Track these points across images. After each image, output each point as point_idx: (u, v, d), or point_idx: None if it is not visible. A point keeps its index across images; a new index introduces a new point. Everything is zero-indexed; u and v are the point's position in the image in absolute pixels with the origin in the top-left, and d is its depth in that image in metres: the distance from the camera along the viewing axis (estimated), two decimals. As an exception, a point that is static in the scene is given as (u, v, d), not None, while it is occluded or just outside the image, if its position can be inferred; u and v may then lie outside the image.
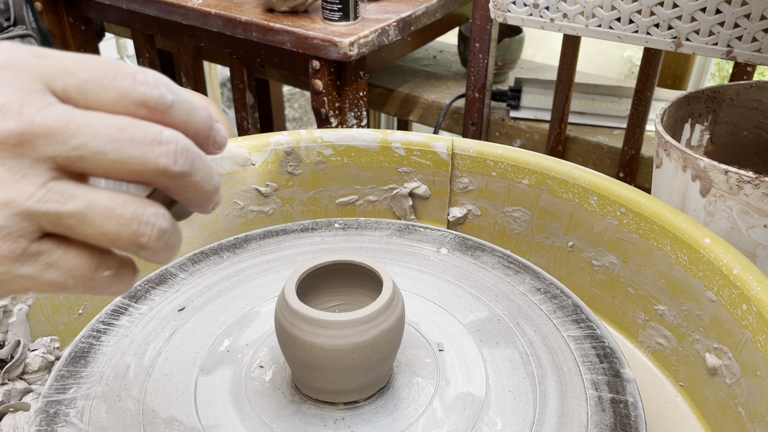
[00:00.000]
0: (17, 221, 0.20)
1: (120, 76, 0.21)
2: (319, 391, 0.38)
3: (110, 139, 0.20)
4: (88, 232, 0.21)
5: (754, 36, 0.66)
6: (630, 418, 0.38)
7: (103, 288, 0.23)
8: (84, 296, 0.53)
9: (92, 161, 0.20)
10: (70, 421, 0.37)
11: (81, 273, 0.22)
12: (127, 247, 0.22)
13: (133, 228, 0.21)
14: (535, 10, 0.79)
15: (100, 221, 0.21)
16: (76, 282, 0.22)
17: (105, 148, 0.20)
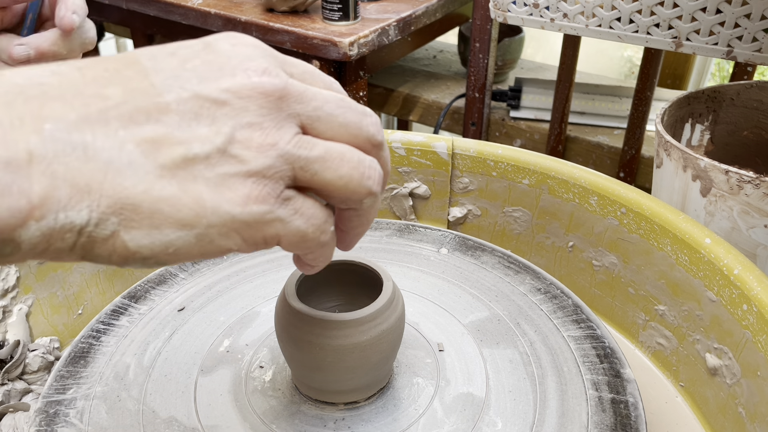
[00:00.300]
0: (280, 162, 0.23)
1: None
2: (319, 392, 0.38)
3: (337, 105, 0.25)
4: (327, 176, 0.24)
5: (754, 36, 0.66)
6: (630, 419, 0.38)
7: (326, 245, 0.26)
8: (83, 296, 0.53)
9: (324, 122, 0.24)
10: (70, 422, 0.37)
11: (318, 222, 0.24)
12: (357, 191, 0.25)
13: (360, 170, 0.24)
14: (535, 10, 0.79)
15: (336, 165, 0.24)
16: (315, 231, 0.24)
17: (335, 111, 0.24)
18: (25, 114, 0.19)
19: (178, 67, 0.22)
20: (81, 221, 0.20)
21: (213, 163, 0.22)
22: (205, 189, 0.22)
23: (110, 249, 0.21)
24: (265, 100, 0.23)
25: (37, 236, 0.19)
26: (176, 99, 0.22)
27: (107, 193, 0.20)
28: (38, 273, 0.50)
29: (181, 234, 0.21)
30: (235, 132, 0.22)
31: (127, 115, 0.21)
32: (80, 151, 0.20)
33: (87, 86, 0.21)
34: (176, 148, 0.21)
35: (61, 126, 0.20)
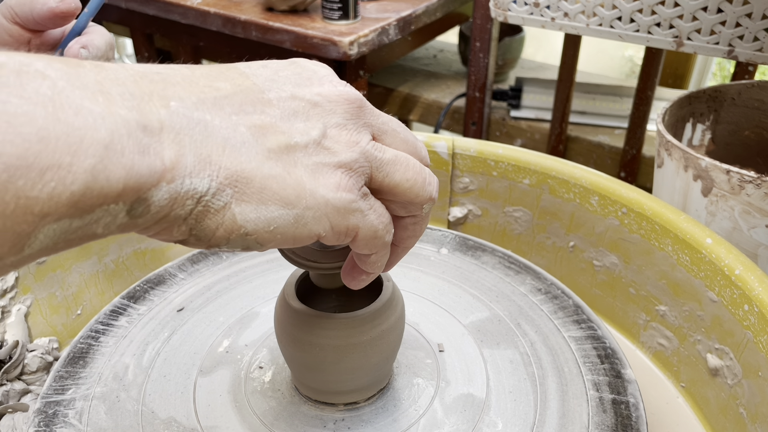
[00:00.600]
0: (362, 159, 0.26)
1: None
2: (318, 392, 0.38)
3: (398, 124, 0.29)
4: (397, 177, 0.27)
5: (755, 35, 0.66)
6: (631, 419, 0.38)
7: (386, 248, 0.29)
8: (82, 297, 0.53)
9: (390, 135, 0.28)
10: (69, 422, 0.37)
11: (386, 221, 0.27)
12: (420, 194, 0.28)
13: (423, 176, 0.28)
14: (535, 9, 0.79)
15: (404, 168, 0.27)
16: (383, 229, 0.27)
17: (397, 128, 0.28)
18: (153, 92, 0.22)
19: (272, 74, 0.26)
20: (202, 189, 0.22)
21: (310, 152, 0.25)
22: (304, 174, 0.24)
23: (219, 221, 0.23)
24: (349, 106, 0.26)
25: (165, 199, 0.21)
26: (277, 97, 0.25)
27: (225, 165, 0.22)
28: (37, 273, 0.50)
29: (283, 212, 0.24)
30: (327, 129, 0.25)
31: (237, 104, 0.24)
32: (201, 126, 0.22)
33: (199, 79, 0.24)
34: (280, 136, 0.24)
35: (183, 105, 0.22)
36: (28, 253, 0.19)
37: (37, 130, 0.18)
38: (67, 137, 0.19)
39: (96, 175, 0.19)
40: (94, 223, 0.20)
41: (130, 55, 2.02)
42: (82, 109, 0.19)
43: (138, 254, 0.57)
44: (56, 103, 0.19)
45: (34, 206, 0.18)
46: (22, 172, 0.18)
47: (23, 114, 0.18)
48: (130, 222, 0.21)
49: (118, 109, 0.20)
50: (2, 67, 0.19)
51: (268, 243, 0.24)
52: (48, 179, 0.18)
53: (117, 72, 0.22)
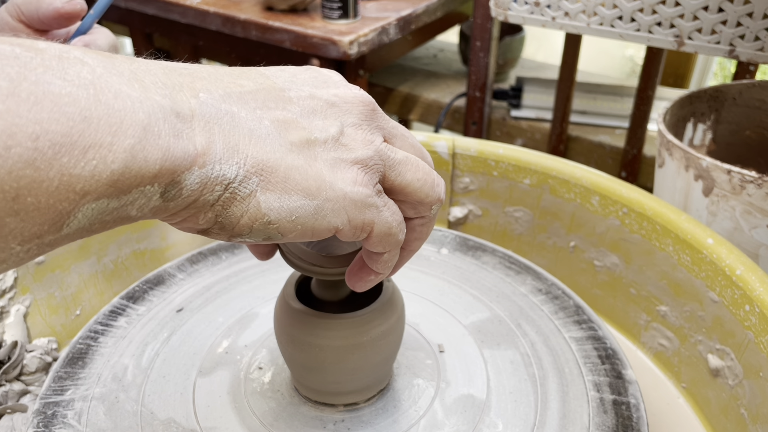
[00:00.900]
0: (377, 157, 0.27)
1: None
2: (318, 393, 0.38)
3: (405, 129, 0.30)
4: (408, 177, 0.28)
5: (756, 35, 0.65)
6: (632, 420, 0.37)
7: (398, 247, 0.29)
8: (81, 297, 0.53)
9: (400, 139, 0.29)
10: (68, 423, 0.37)
11: (399, 218, 0.28)
12: (430, 194, 0.29)
13: (432, 177, 0.29)
14: (536, 9, 0.79)
15: (414, 168, 0.28)
16: (397, 227, 0.28)
17: (406, 134, 0.30)
18: (183, 83, 0.23)
19: (291, 77, 0.27)
20: (231, 175, 0.23)
21: (329, 148, 0.26)
22: (324, 167, 0.25)
23: (244, 209, 0.23)
24: (364, 108, 0.27)
25: (197, 183, 0.22)
26: (297, 96, 0.26)
27: (252, 154, 0.23)
28: (36, 273, 0.50)
29: (304, 203, 0.25)
30: (344, 127, 0.27)
31: (261, 100, 0.25)
32: (229, 117, 0.23)
33: (223, 76, 0.25)
34: (301, 131, 0.25)
35: (211, 96, 0.23)
36: (66, 232, 0.20)
37: (80, 110, 0.19)
38: (108, 118, 0.19)
39: (135, 155, 0.20)
40: (129, 205, 0.21)
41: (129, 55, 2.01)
42: (121, 93, 0.20)
43: (137, 254, 0.57)
44: (96, 87, 0.20)
45: (76, 184, 0.19)
46: (66, 149, 0.18)
47: (67, 95, 0.19)
48: (162, 205, 0.22)
49: (153, 95, 0.21)
50: (44, 52, 0.19)
51: (289, 233, 0.25)
52: (90, 157, 0.19)
53: (148, 64, 0.23)
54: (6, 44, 0.19)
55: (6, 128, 0.17)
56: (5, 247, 0.19)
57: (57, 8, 0.43)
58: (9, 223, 0.18)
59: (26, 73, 0.18)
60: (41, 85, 0.18)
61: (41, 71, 0.19)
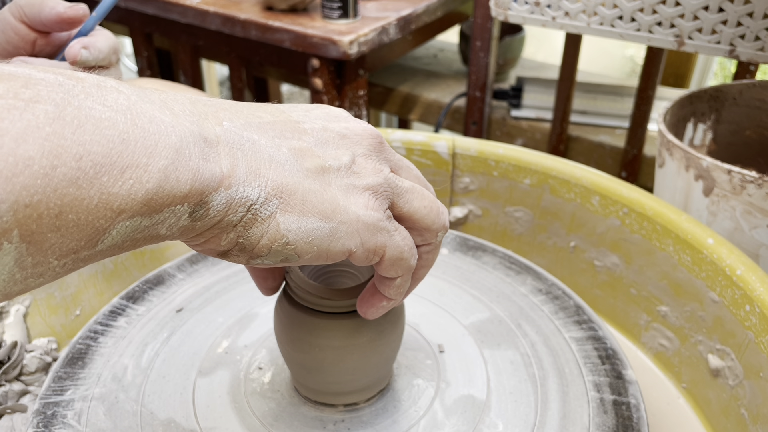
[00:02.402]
0: (386, 185, 0.28)
1: None
2: (318, 393, 0.38)
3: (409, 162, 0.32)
4: (415, 204, 0.30)
5: (756, 35, 0.65)
6: (632, 420, 0.37)
7: (410, 273, 0.30)
8: (81, 297, 0.53)
9: (405, 170, 0.31)
10: (68, 423, 0.37)
11: (410, 243, 0.29)
12: (435, 222, 0.30)
13: (437, 205, 0.31)
14: (536, 8, 0.79)
15: (420, 196, 0.30)
16: (409, 251, 0.29)
17: (410, 166, 0.32)
18: (207, 112, 0.25)
19: (304, 112, 0.29)
20: (253, 197, 0.24)
21: (342, 175, 0.28)
22: (338, 192, 0.27)
23: (264, 230, 0.25)
24: (373, 141, 0.29)
25: (222, 204, 0.23)
26: (311, 128, 0.28)
27: (272, 177, 0.25)
28: (36, 273, 0.50)
29: (320, 225, 0.26)
30: (355, 157, 0.28)
31: (278, 130, 0.27)
32: (250, 144, 0.25)
33: (242, 108, 0.27)
34: (316, 159, 0.27)
35: (234, 125, 0.25)
36: (100, 248, 0.21)
37: (119, 133, 0.20)
38: (144, 140, 0.21)
39: (168, 176, 0.21)
40: (160, 224, 0.22)
41: (129, 55, 2.01)
42: (155, 119, 0.22)
43: (137, 255, 0.57)
44: (133, 112, 0.21)
45: (114, 202, 0.20)
46: (106, 169, 0.20)
47: (107, 119, 0.20)
48: (190, 225, 0.23)
49: (183, 121, 0.23)
50: (84, 80, 0.21)
51: (305, 254, 0.26)
52: (127, 177, 0.20)
53: (174, 94, 0.25)
54: (51, 73, 0.20)
55: (53, 149, 0.19)
56: (44, 261, 0.20)
57: (59, 13, 0.43)
58: (50, 239, 0.19)
59: (70, 98, 0.20)
60: (84, 110, 0.20)
61: (83, 97, 0.20)
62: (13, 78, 0.19)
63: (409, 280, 0.31)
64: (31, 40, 0.46)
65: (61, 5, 0.44)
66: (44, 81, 0.20)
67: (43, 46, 0.47)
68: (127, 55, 2.03)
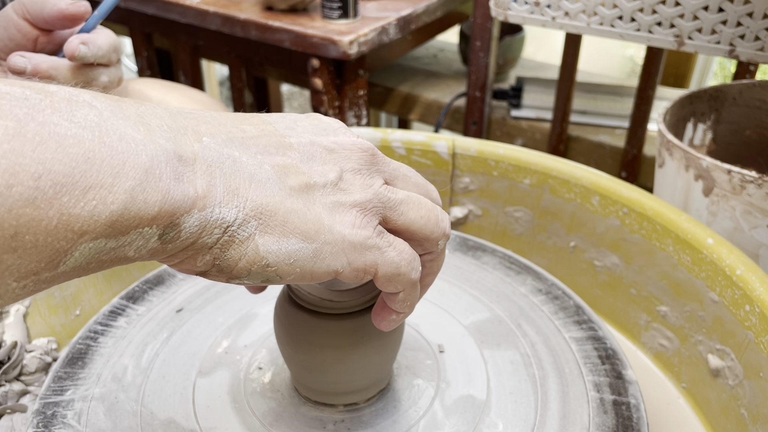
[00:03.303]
0: (376, 200, 0.27)
1: None
2: (318, 393, 0.38)
3: (408, 169, 0.30)
4: (411, 215, 0.28)
5: (756, 35, 0.65)
6: (632, 420, 0.37)
7: (414, 286, 0.29)
8: (81, 297, 0.53)
9: (401, 180, 0.30)
10: (68, 423, 0.37)
11: (408, 257, 0.28)
12: (434, 231, 0.29)
13: (435, 213, 0.29)
14: (536, 8, 0.79)
15: (417, 207, 0.29)
16: (406, 265, 0.28)
17: (408, 173, 0.30)
18: (187, 126, 0.24)
19: (292, 123, 0.28)
20: (230, 218, 0.23)
21: (327, 192, 0.26)
22: (323, 211, 0.26)
23: (242, 252, 0.24)
24: (363, 154, 0.28)
25: (195, 226, 0.22)
26: (297, 142, 0.27)
27: (252, 197, 0.24)
28: (36, 273, 0.50)
29: (303, 246, 0.25)
30: (343, 173, 0.27)
31: (262, 145, 0.26)
32: (231, 161, 0.24)
33: (226, 121, 0.26)
34: (300, 176, 0.26)
35: (214, 141, 0.24)
36: (62, 270, 0.20)
37: (84, 151, 0.19)
38: (111, 159, 0.20)
39: (135, 197, 0.20)
40: (127, 246, 0.21)
41: (129, 55, 2.01)
42: (125, 136, 0.21)
43: (137, 254, 0.57)
44: (102, 129, 0.20)
45: (75, 223, 0.19)
46: (67, 189, 0.19)
47: (72, 136, 0.19)
48: (161, 247, 0.22)
49: (157, 138, 0.22)
50: (54, 94, 0.20)
51: (287, 276, 0.25)
52: (90, 198, 0.19)
53: (155, 107, 0.24)
54: (17, 86, 0.20)
55: (9, 167, 0.18)
56: (2, 283, 0.19)
57: (61, 9, 0.43)
58: (6, 260, 0.19)
59: (34, 114, 0.19)
60: (48, 126, 0.19)
61: (49, 112, 0.19)
62: None
63: (414, 293, 0.30)
64: (33, 37, 0.46)
65: (64, 2, 0.44)
66: (8, 95, 0.19)
67: (45, 44, 0.47)
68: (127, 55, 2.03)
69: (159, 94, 0.66)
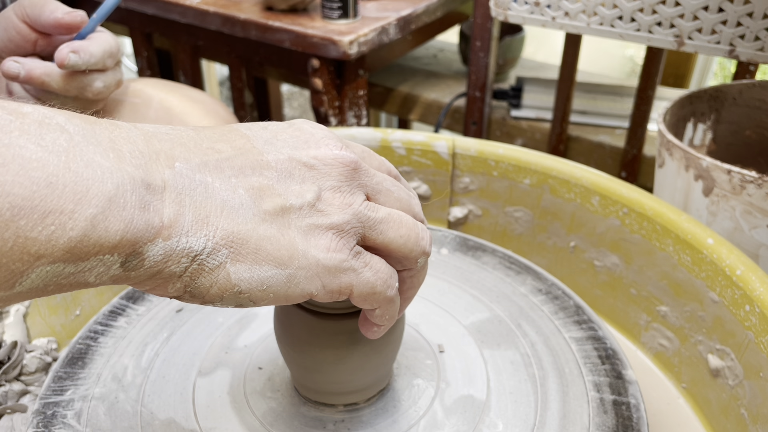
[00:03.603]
0: (354, 220, 0.27)
1: None
2: (318, 393, 0.38)
3: (392, 183, 0.30)
4: (390, 234, 0.28)
5: (756, 35, 0.65)
6: (632, 420, 0.37)
7: (392, 302, 0.29)
8: (81, 297, 0.53)
9: (384, 195, 0.29)
10: (68, 423, 0.37)
11: (384, 276, 0.28)
12: (414, 249, 0.29)
13: (416, 231, 0.29)
14: (536, 8, 0.79)
15: (397, 226, 0.28)
16: (382, 284, 0.28)
17: (391, 188, 0.29)
18: (161, 151, 0.23)
19: (272, 137, 0.27)
20: (198, 248, 0.23)
21: (304, 214, 0.26)
22: (297, 235, 0.25)
23: (213, 280, 0.24)
24: (344, 169, 0.27)
25: (160, 255, 0.22)
26: (275, 159, 0.26)
27: (223, 226, 0.23)
28: (36, 273, 0.50)
29: (276, 272, 0.24)
30: (322, 192, 0.26)
31: (237, 167, 0.25)
32: (202, 188, 0.23)
33: (202, 141, 0.25)
34: (276, 198, 0.25)
35: (187, 166, 0.23)
36: (18, 290, 0.20)
37: (47, 176, 0.19)
38: (74, 185, 0.20)
39: (96, 225, 0.20)
40: (87, 272, 0.21)
41: (129, 55, 2.01)
42: (93, 163, 0.20)
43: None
44: (70, 155, 0.20)
45: (32, 247, 0.19)
46: (25, 212, 0.19)
47: (37, 160, 0.19)
48: (123, 275, 0.22)
49: (126, 166, 0.21)
50: (26, 116, 0.20)
51: (261, 301, 0.25)
52: (49, 223, 0.19)
53: (129, 131, 0.23)
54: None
55: None
56: None
57: (57, 18, 0.44)
58: None
59: (0, 135, 0.19)
60: (12, 149, 0.19)
61: (17, 135, 0.19)
62: None
63: (392, 307, 0.30)
64: (32, 40, 0.46)
65: (60, 10, 0.44)
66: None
67: (44, 47, 0.47)
68: (127, 55, 2.03)
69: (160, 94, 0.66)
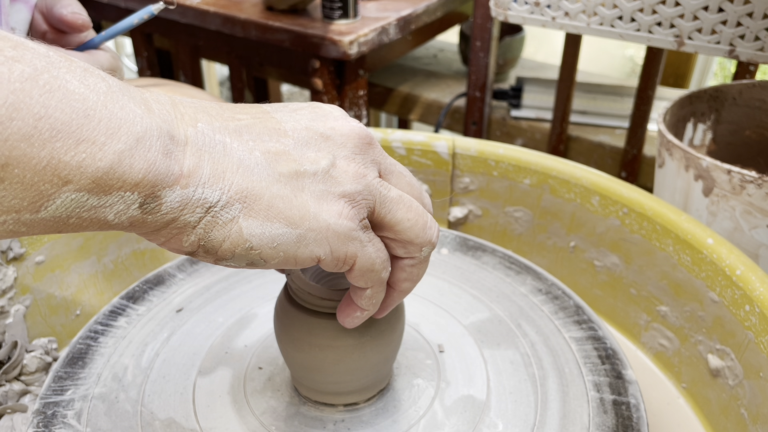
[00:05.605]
0: (366, 192, 0.27)
1: None
2: (318, 393, 0.38)
3: (404, 167, 0.31)
4: (399, 215, 0.28)
5: (756, 35, 0.65)
6: (632, 420, 0.37)
7: (382, 285, 0.30)
8: (81, 297, 0.53)
9: (396, 176, 0.30)
10: (68, 423, 0.37)
11: (383, 256, 0.29)
12: (420, 236, 0.29)
13: (425, 219, 0.29)
14: (536, 9, 0.79)
15: (406, 207, 0.29)
16: (381, 264, 0.29)
17: (404, 171, 0.31)
18: (185, 113, 0.25)
19: (291, 111, 0.29)
20: (213, 199, 0.24)
21: (318, 180, 0.27)
22: (310, 198, 0.26)
23: (226, 234, 0.25)
24: (359, 142, 0.28)
25: (177, 201, 0.23)
26: (292, 128, 0.27)
27: (237, 181, 0.25)
28: (36, 273, 0.50)
29: (286, 231, 0.25)
30: (336, 160, 0.27)
31: (255, 133, 0.26)
32: (221, 146, 0.25)
33: (224, 111, 0.27)
34: (291, 163, 0.26)
35: (209, 127, 0.25)
36: (43, 215, 0.21)
37: (86, 108, 0.21)
38: (108, 121, 0.21)
39: (122, 160, 0.21)
40: (108, 207, 0.22)
41: (129, 55, 2.01)
42: (126, 107, 0.22)
43: (137, 254, 0.57)
44: (107, 97, 0.22)
45: (63, 170, 0.20)
46: (62, 135, 0.20)
47: (79, 93, 0.21)
48: (141, 217, 0.23)
49: (155, 118, 0.23)
50: (74, 62, 0.22)
51: (271, 260, 0.26)
52: (81, 150, 0.21)
53: (159, 95, 0.25)
54: (44, 47, 0.21)
55: (15, 102, 0.19)
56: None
57: (62, 15, 0.46)
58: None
59: (50, 68, 0.21)
60: (59, 80, 0.21)
61: (64, 71, 0.21)
62: (5, 39, 0.20)
63: (381, 293, 0.30)
64: (42, 31, 0.48)
65: (68, 8, 0.46)
66: (33, 49, 0.21)
67: (51, 42, 0.48)
68: (127, 55, 2.03)
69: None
